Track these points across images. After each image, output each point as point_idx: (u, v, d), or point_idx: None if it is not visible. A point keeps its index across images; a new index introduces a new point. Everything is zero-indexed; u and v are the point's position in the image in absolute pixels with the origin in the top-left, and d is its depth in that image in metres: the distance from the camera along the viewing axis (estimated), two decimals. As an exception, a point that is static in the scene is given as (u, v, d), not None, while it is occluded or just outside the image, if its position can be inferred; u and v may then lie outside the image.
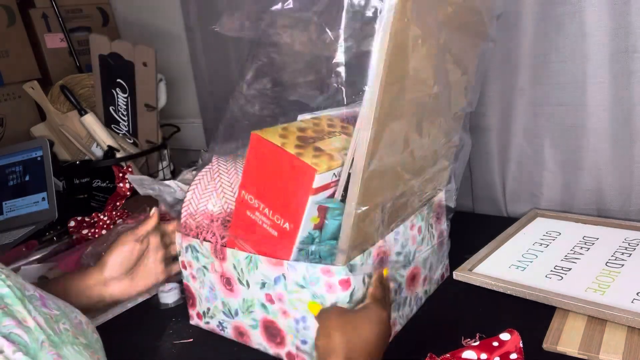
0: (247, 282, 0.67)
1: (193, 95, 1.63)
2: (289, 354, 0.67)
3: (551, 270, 0.78)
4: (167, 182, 1.00)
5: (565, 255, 0.82)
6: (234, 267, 0.67)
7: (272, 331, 0.67)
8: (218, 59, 1.47)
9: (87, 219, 1.15)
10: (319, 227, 0.61)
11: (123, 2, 1.70)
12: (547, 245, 0.87)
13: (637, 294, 0.68)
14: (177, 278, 0.82)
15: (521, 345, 0.63)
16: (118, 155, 1.33)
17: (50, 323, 0.48)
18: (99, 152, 1.36)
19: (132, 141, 1.41)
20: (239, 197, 0.63)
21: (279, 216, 0.61)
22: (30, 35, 1.49)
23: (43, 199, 1.26)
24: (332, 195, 0.60)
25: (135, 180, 1.01)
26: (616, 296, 0.68)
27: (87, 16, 1.61)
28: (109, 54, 1.34)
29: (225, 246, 0.68)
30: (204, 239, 0.70)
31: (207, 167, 0.74)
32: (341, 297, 0.59)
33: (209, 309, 0.75)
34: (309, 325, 0.63)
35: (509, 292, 0.75)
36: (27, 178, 1.29)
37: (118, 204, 1.21)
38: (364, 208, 0.57)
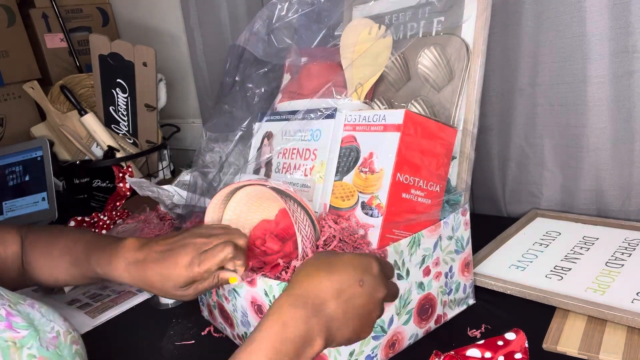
0: None
1: (193, 95, 1.63)
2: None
3: (551, 270, 0.78)
4: (165, 186, 1.00)
5: (565, 255, 0.82)
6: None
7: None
8: (218, 59, 1.47)
9: (87, 219, 1.15)
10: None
11: (123, 2, 1.70)
12: (547, 245, 0.87)
13: (637, 294, 0.68)
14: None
15: (527, 345, 0.63)
16: (118, 155, 1.33)
17: (8, 353, 0.45)
18: (99, 152, 1.36)
19: (132, 141, 1.41)
20: (394, 182, 0.61)
21: (432, 182, 0.66)
22: (30, 35, 1.50)
23: (43, 199, 1.26)
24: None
25: (134, 183, 1.01)
26: (616, 296, 0.68)
27: (87, 16, 1.61)
28: (109, 54, 1.34)
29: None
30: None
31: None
32: (467, 233, 0.72)
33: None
34: (455, 273, 0.72)
35: (509, 292, 0.75)
36: (27, 178, 1.29)
37: (118, 204, 1.22)
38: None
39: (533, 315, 0.70)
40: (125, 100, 1.39)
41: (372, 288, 0.50)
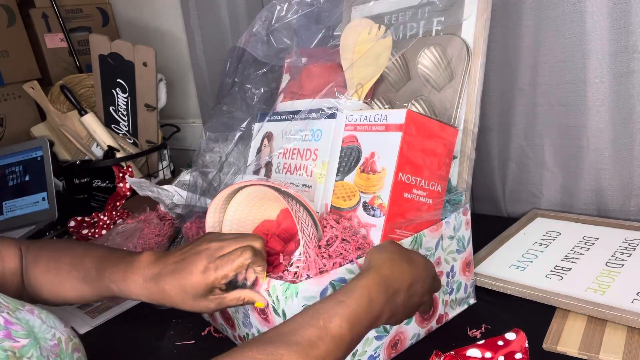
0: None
1: (193, 95, 1.63)
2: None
3: (551, 270, 0.78)
4: (165, 186, 1.00)
5: (565, 255, 0.82)
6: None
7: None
8: (218, 59, 1.47)
9: (87, 219, 1.15)
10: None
11: (123, 2, 1.70)
12: (547, 245, 0.87)
13: (637, 294, 0.68)
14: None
15: (527, 345, 0.63)
16: (118, 155, 1.33)
17: None
18: (99, 152, 1.36)
19: (132, 141, 1.41)
20: (396, 182, 0.62)
21: (433, 182, 0.66)
22: (30, 35, 1.49)
23: (43, 199, 1.26)
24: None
25: (134, 183, 1.01)
26: (616, 296, 0.68)
27: (87, 16, 1.61)
28: (109, 54, 1.34)
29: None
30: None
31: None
32: (468, 233, 0.72)
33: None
34: (456, 272, 0.72)
35: (509, 292, 0.75)
36: (27, 178, 1.29)
37: (118, 204, 1.21)
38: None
39: (533, 315, 0.70)
40: (125, 100, 1.38)
41: (426, 291, 0.57)
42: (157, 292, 0.58)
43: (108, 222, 1.13)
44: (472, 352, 0.63)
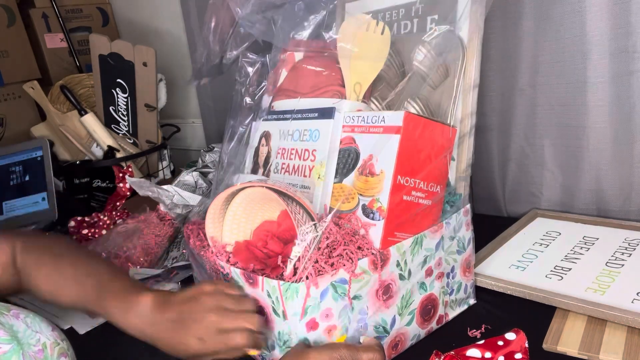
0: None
1: (193, 95, 1.64)
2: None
3: (551, 270, 0.78)
4: (165, 186, 1.00)
5: (565, 255, 0.82)
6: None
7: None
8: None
9: (87, 219, 1.15)
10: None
11: (123, 2, 1.70)
12: (547, 245, 0.87)
13: (637, 294, 0.68)
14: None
15: (527, 345, 0.63)
16: (118, 155, 1.33)
17: None
18: (99, 152, 1.36)
19: (132, 141, 1.41)
20: (395, 184, 0.61)
21: (432, 183, 0.66)
22: (30, 35, 1.50)
23: (43, 199, 1.26)
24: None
25: (134, 183, 1.01)
26: (616, 296, 0.68)
27: (87, 16, 1.62)
28: (109, 54, 1.34)
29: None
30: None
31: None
32: (468, 234, 0.73)
33: None
34: (457, 273, 0.72)
35: (509, 292, 0.75)
36: (27, 178, 1.29)
37: (118, 204, 1.21)
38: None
39: (533, 315, 0.70)
40: (125, 100, 1.39)
41: None
42: (151, 340, 0.62)
43: (108, 222, 1.13)
44: (472, 352, 0.63)
